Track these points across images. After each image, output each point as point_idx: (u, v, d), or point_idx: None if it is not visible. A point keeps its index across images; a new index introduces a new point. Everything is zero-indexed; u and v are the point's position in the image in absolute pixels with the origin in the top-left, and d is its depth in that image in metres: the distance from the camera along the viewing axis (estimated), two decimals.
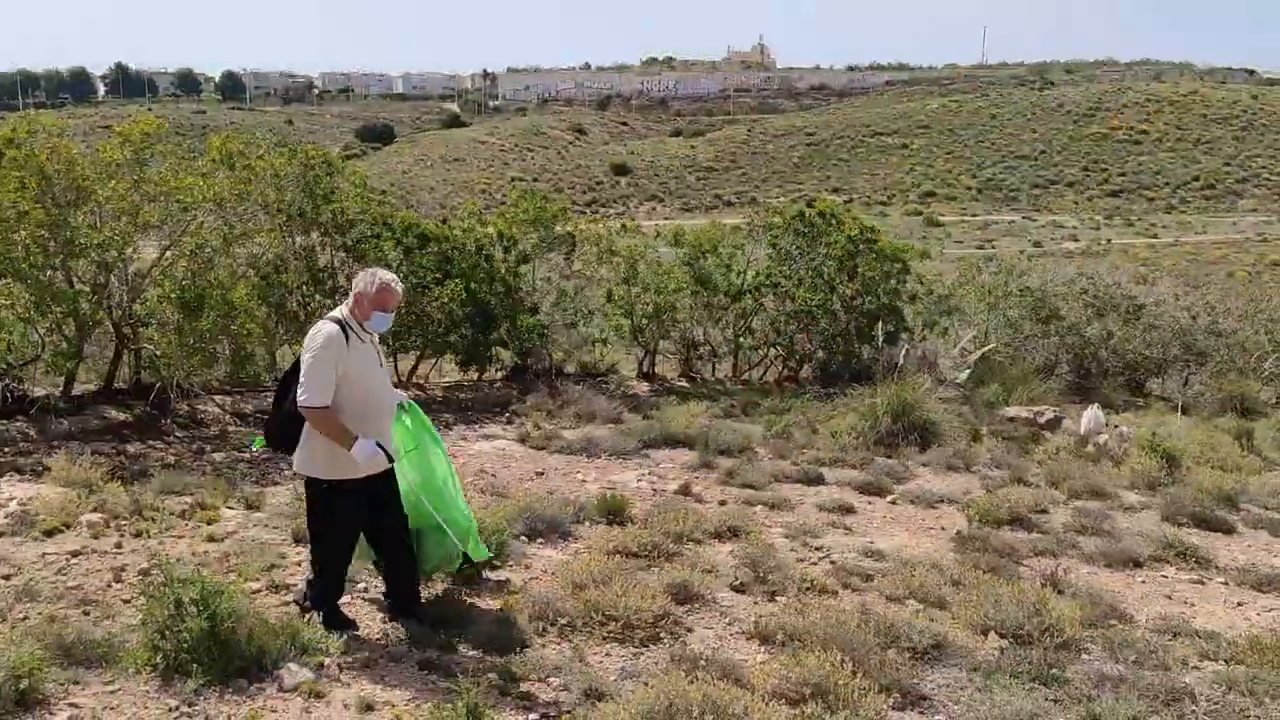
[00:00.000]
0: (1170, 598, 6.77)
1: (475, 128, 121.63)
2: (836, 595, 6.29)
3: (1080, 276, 21.06)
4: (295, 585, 5.74)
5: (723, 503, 8.46)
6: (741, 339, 15.67)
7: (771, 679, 4.79)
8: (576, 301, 14.53)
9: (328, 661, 4.87)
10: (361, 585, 5.92)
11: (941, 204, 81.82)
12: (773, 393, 14.14)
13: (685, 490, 8.71)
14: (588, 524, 7.49)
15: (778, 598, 6.19)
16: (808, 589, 6.30)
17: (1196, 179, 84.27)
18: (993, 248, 51.69)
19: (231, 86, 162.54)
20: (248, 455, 9.11)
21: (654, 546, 6.79)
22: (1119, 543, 7.75)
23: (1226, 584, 7.11)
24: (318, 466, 5.12)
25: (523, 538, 7.04)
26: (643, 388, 14.26)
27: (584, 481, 8.90)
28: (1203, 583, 7.11)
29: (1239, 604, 6.71)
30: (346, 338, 5.05)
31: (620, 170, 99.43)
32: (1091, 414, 12.84)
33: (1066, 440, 12.15)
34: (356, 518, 5.27)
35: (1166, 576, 7.20)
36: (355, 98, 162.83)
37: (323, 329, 5.08)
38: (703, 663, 4.96)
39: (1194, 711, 4.77)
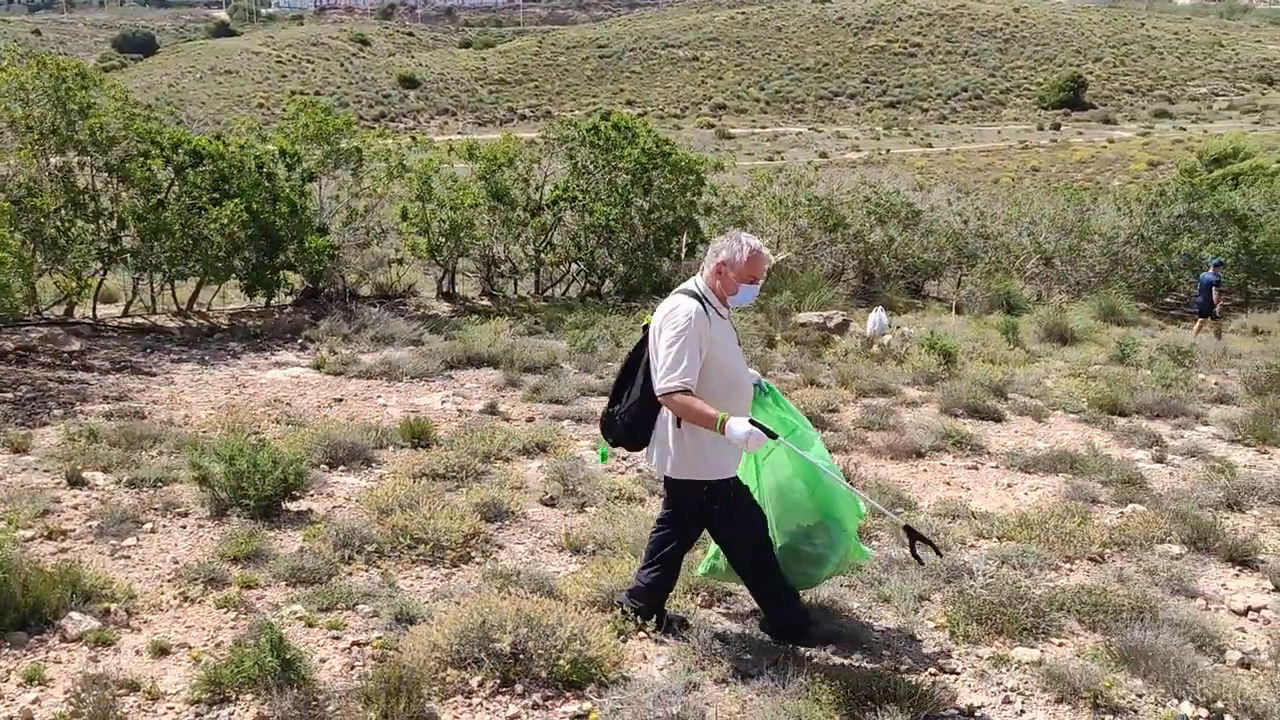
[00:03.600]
0: (949, 484, 7.25)
1: (247, 37, 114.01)
2: (644, 502, 6.40)
3: (863, 186, 21.98)
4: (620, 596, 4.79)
5: (530, 419, 8.43)
6: (543, 255, 15.55)
7: (584, 588, 4.84)
8: (368, 220, 14.00)
9: (114, 608, 4.58)
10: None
11: (732, 116, 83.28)
12: (576, 308, 14.15)
13: (491, 409, 8.63)
14: (391, 449, 7.32)
15: (588, 509, 6.26)
16: (617, 498, 6.39)
17: (965, 89, 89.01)
18: (782, 159, 53.15)
19: None
20: (54, 397, 8.35)
21: (461, 467, 6.71)
22: (903, 436, 8.23)
23: (997, 467, 7.69)
24: (691, 466, 4.31)
25: (323, 466, 6.81)
26: (443, 308, 13.97)
27: (385, 406, 8.67)
28: (977, 468, 7.65)
29: (1009, 485, 7.27)
30: (707, 315, 4.27)
31: (408, 83, 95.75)
32: (876, 316, 13.51)
33: (854, 342, 12.74)
34: (754, 505, 4.51)
35: (945, 464, 7.72)
36: (110, 4, 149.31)
37: (682, 305, 4.25)
38: (515, 578, 4.97)
39: (972, 586, 5.15)
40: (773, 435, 4.11)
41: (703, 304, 4.24)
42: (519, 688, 4.01)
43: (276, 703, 3.82)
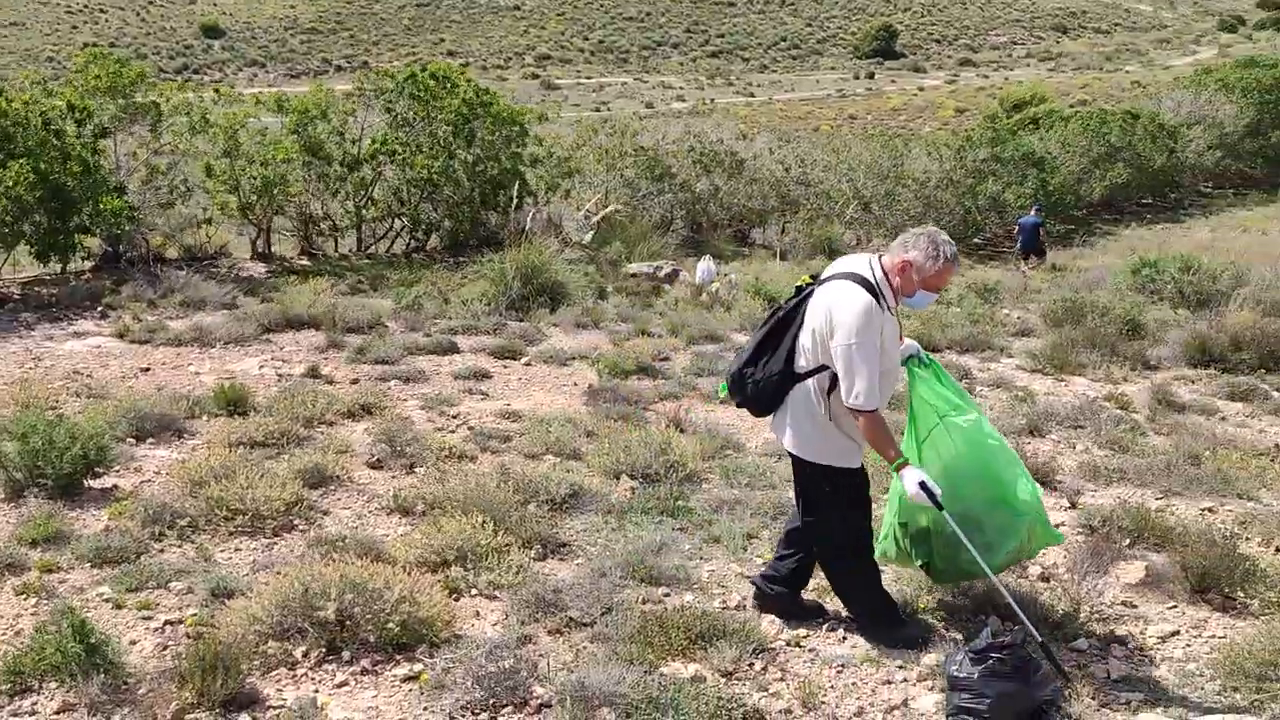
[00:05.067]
0: None
1: None
2: (475, 460, 6.32)
3: (688, 136, 22.18)
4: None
5: (354, 381, 8.18)
6: (364, 211, 15.05)
7: (413, 549, 4.74)
8: (170, 179, 13.19)
9: None
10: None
11: (557, 67, 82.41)
12: (401, 265, 13.78)
13: (313, 372, 8.31)
14: (205, 418, 6.96)
15: (416, 469, 6.12)
16: (447, 457, 6.27)
17: (784, 39, 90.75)
18: (608, 110, 53.05)
19: None
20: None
21: (282, 433, 6.44)
22: None
23: None
24: (835, 454, 4.07)
25: (130, 440, 6.42)
26: (259, 269, 13.35)
27: (198, 374, 8.24)
28: None
29: None
30: (882, 310, 3.95)
31: (212, 33, 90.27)
32: (704, 265, 13.71)
33: (684, 291, 12.90)
34: (866, 502, 4.25)
35: None
36: None
37: (859, 301, 3.87)
38: (341, 543, 4.82)
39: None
40: (939, 506, 3.88)
41: (877, 296, 3.93)
42: (346, 655, 3.90)
43: (83, 689, 3.60)
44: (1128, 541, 5.16)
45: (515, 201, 14.69)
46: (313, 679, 3.79)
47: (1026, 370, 9.25)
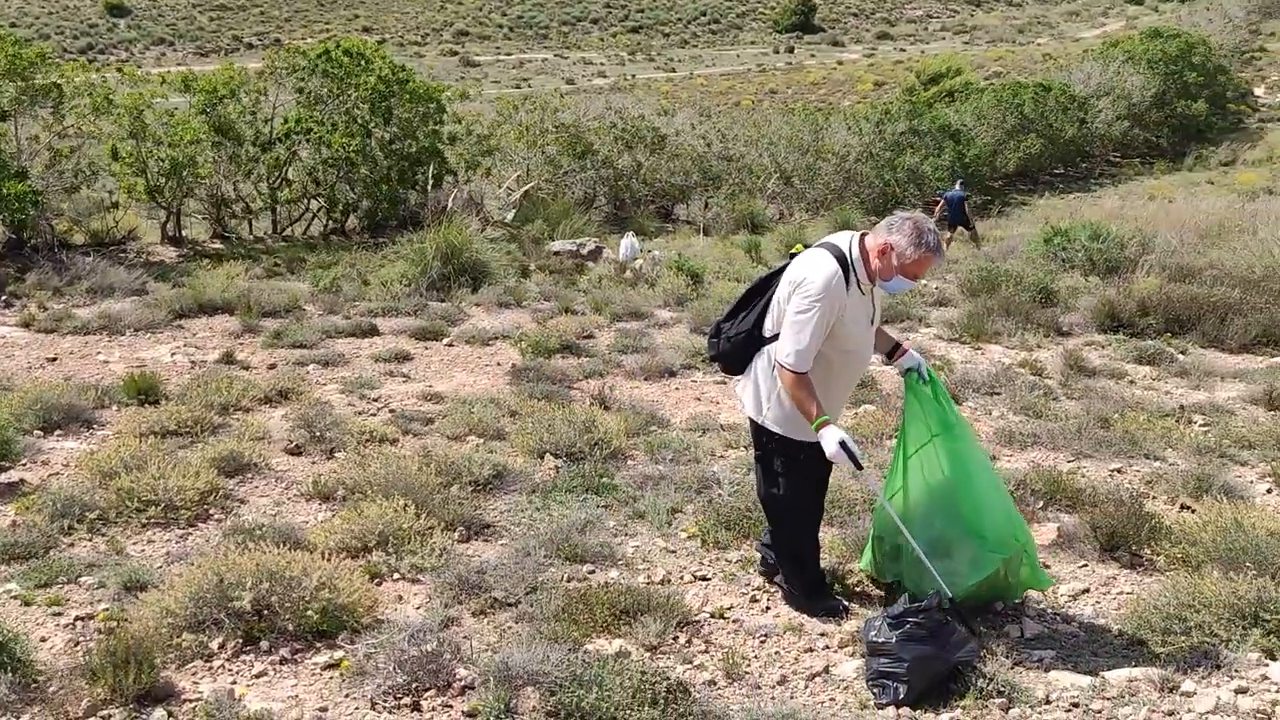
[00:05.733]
0: (700, 399, 7.49)
1: None
2: (397, 443, 6.24)
3: (610, 111, 22.10)
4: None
5: (272, 366, 8.02)
6: (278, 192, 14.73)
7: (334, 535, 4.67)
8: (75, 162, 12.75)
9: None
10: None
11: (476, 44, 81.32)
12: (318, 246, 13.52)
13: (228, 358, 8.14)
14: (115, 408, 6.77)
15: (336, 454, 6.02)
16: (367, 441, 6.18)
17: (704, 14, 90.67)
18: (529, 86, 52.57)
19: None
20: None
21: (195, 421, 6.29)
22: (656, 356, 8.41)
23: None
24: (795, 427, 4.04)
25: (36, 433, 6.22)
26: (170, 253, 13.01)
27: (107, 363, 8.01)
28: (725, 382, 7.92)
29: None
30: (847, 284, 3.91)
31: (117, 11, 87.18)
32: (627, 242, 13.70)
33: (607, 268, 12.88)
34: (826, 466, 4.19)
35: (696, 381, 7.95)
36: None
37: (824, 266, 3.90)
38: (258, 532, 4.72)
39: (720, 494, 5.36)
40: (859, 466, 3.88)
41: (847, 271, 3.93)
42: (265, 644, 3.83)
43: None
44: (1041, 504, 5.30)
45: (434, 180, 14.50)
46: (230, 670, 3.72)
47: (944, 339, 9.43)
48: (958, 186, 20.70)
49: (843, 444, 3.85)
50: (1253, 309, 9.52)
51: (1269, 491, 5.63)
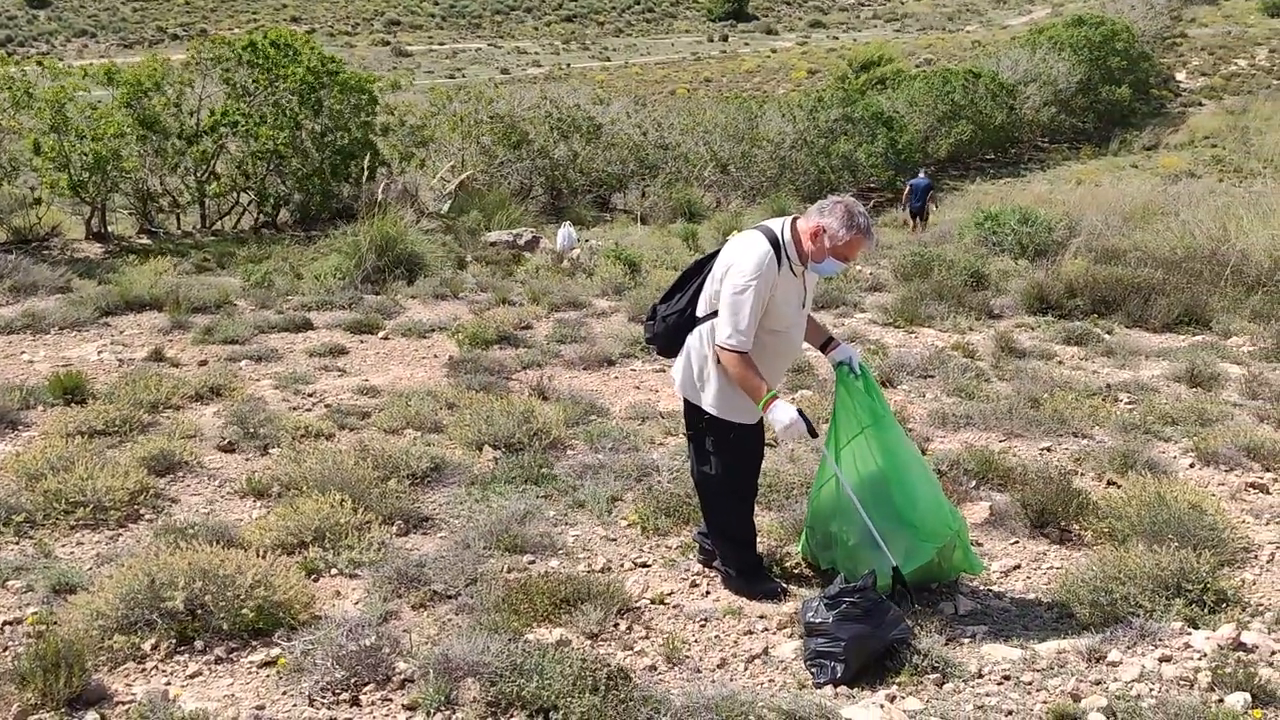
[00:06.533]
0: (639, 388, 7.50)
1: None
2: (333, 438, 6.16)
3: (545, 101, 21.99)
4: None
5: (203, 363, 7.87)
6: (206, 186, 14.44)
7: (269, 533, 4.61)
8: None
9: None
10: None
11: (408, 33, 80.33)
12: (249, 240, 13.29)
13: (157, 355, 7.96)
14: (40, 408, 6.59)
15: (271, 450, 5.94)
16: (303, 437, 6.10)
17: (638, 2, 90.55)
18: (463, 76, 52.10)
19: None
20: None
21: (124, 420, 6.14)
22: (594, 346, 8.41)
23: None
24: (729, 408, 4.08)
25: None
26: (95, 250, 12.69)
27: (31, 362, 7.79)
28: (664, 370, 7.95)
29: None
30: (779, 264, 3.94)
31: (37, 2, 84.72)
32: (564, 232, 13.67)
33: (544, 259, 12.84)
34: (761, 445, 4.30)
35: (635, 370, 7.97)
36: None
37: (755, 250, 3.94)
38: (190, 530, 4.64)
39: (659, 481, 5.39)
40: (814, 434, 3.95)
41: (779, 252, 3.98)
42: (199, 644, 3.77)
43: None
44: (973, 483, 5.41)
45: (367, 172, 14.32)
46: (164, 671, 3.65)
47: (879, 324, 9.56)
48: (921, 174, 20.94)
49: (800, 413, 3.94)
50: (1175, 289, 9.80)
51: (1191, 466, 5.80)
